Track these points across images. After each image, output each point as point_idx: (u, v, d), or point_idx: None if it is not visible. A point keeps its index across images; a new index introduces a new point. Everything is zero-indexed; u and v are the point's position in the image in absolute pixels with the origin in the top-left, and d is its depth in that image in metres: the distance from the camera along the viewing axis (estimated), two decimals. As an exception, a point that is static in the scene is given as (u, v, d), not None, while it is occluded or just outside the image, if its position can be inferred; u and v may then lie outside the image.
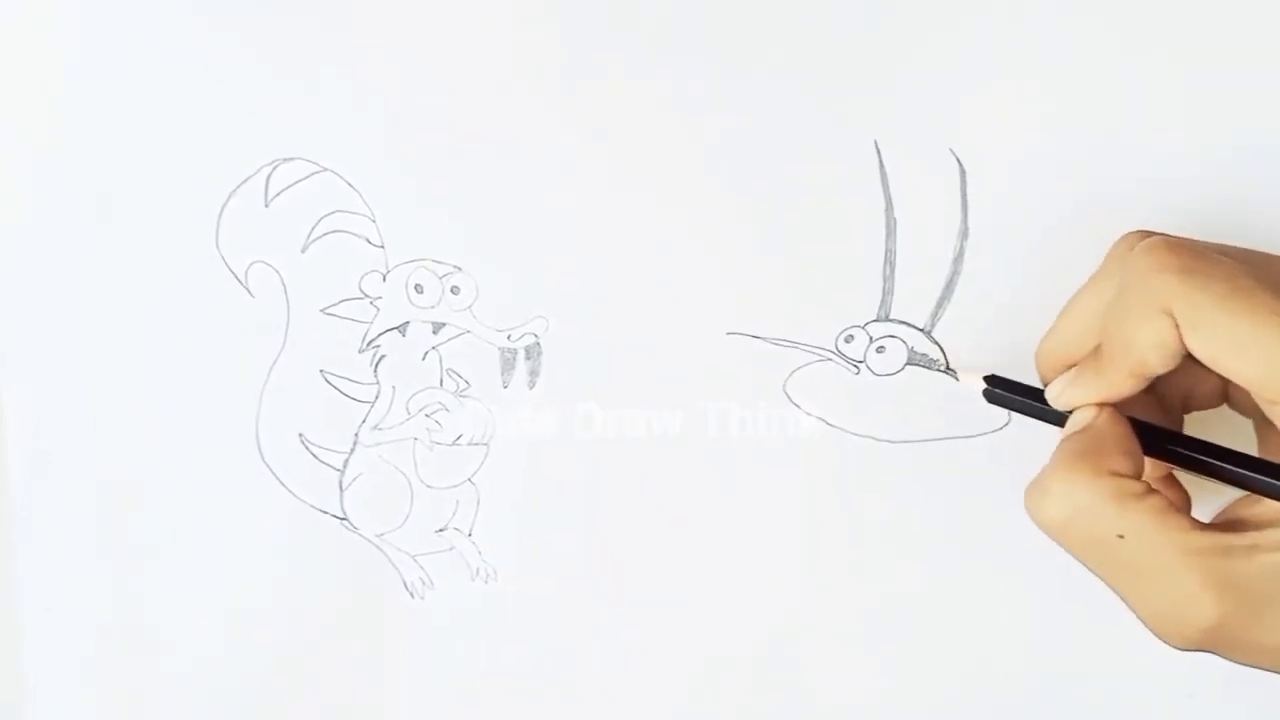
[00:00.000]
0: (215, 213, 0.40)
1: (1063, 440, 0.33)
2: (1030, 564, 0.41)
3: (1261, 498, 0.31)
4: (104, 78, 0.40)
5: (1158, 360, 0.30)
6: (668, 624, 0.42)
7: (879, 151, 0.39)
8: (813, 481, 0.41)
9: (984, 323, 0.40)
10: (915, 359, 0.40)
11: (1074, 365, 0.34)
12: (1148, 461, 0.32)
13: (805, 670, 0.42)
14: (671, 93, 0.39)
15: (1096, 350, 0.33)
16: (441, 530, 0.42)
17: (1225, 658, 0.30)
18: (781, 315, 0.40)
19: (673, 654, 0.42)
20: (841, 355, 0.40)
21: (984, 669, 0.42)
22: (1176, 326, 0.29)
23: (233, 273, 0.40)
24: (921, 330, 0.40)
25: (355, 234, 0.40)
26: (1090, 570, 0.31)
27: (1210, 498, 0.34)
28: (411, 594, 0.42)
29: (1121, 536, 0.30)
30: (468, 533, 0.42)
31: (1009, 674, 0.42)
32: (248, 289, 0.41)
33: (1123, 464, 0.31)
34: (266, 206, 0.40)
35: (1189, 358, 0.31)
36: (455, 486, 0.42)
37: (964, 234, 0.39)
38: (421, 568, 0.42)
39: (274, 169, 0.40)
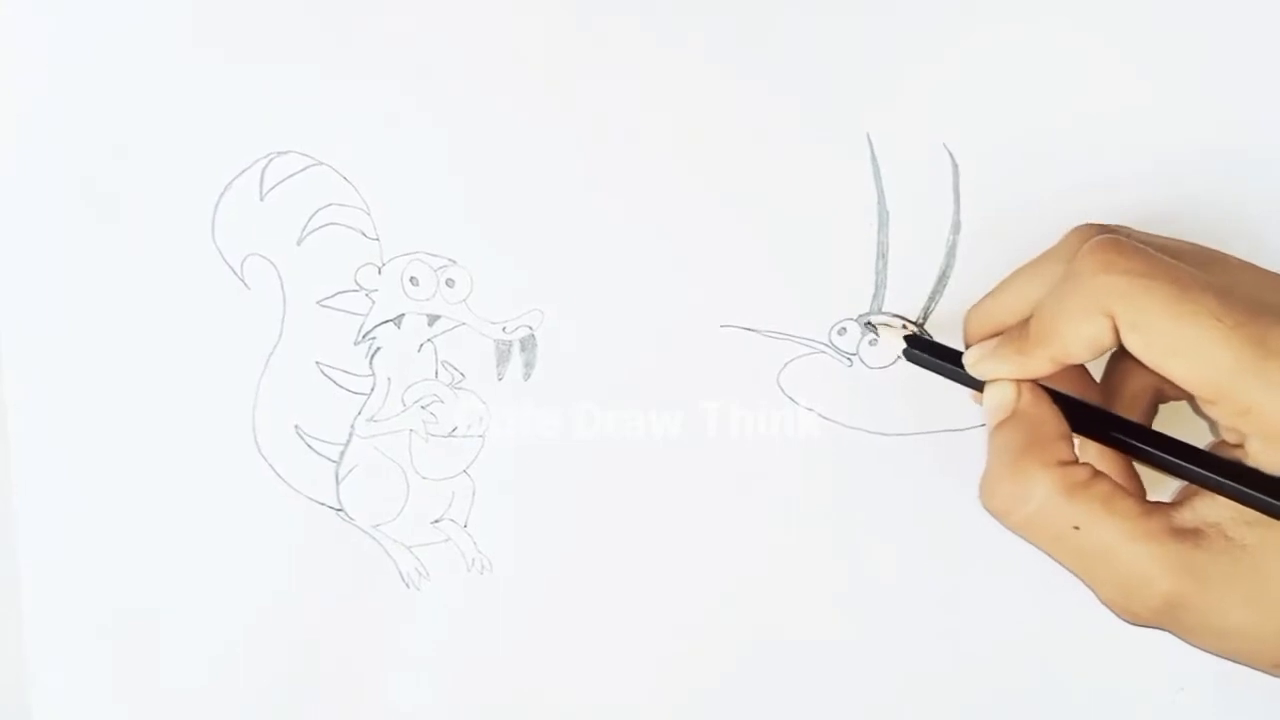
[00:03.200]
0: (211, 206, 0.40)
1: (995, 428, 0.33)
2: (1024, 556, 0.41)
3: None
4: (98, 72, 0.40)
5: (1083, 354, 0.31)
6: (662, 615, 0.42)
7: (871, 145, 0.39)
8: (806, 474, 0.41)
9: None
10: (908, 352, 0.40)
11: (998, 334, 0.34)
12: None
13: (798, 662, 0.43)
14: (665, 86, 0.39)
15: (1022, 325, 0.33)
16: (437, 521, 0.42)
17: (1182, 639, 0.31)
18: (775, 308, 0.40)
19: (667, 646, 0.43)
20: (834, 348, 0.40)
21: (977, 660, 0.42)
22: (1114, 327, 0.30)
23: (229, 265, 0.40)
24: (914, 323, 0.40)
25: (350, 227, 0.40)
26: (1050, 557, 0.32)
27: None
28: (407, 584, 0.42)
29: (1077, 528, 0.30)
30: (463, 524, 0.42)
31: (1004, 664, 0.42)
32: (244, 282, 0.41)
33: (1064, 451, 0.32)
34: (262, 200, 0.40)
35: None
36: (450, 478, 0.42)
37: (956, 227, 0.40)
38: (417, 559, 0.42)
39: (269, 162, 0.40)
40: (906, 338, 0.38)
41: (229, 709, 0.43)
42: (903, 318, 0.40)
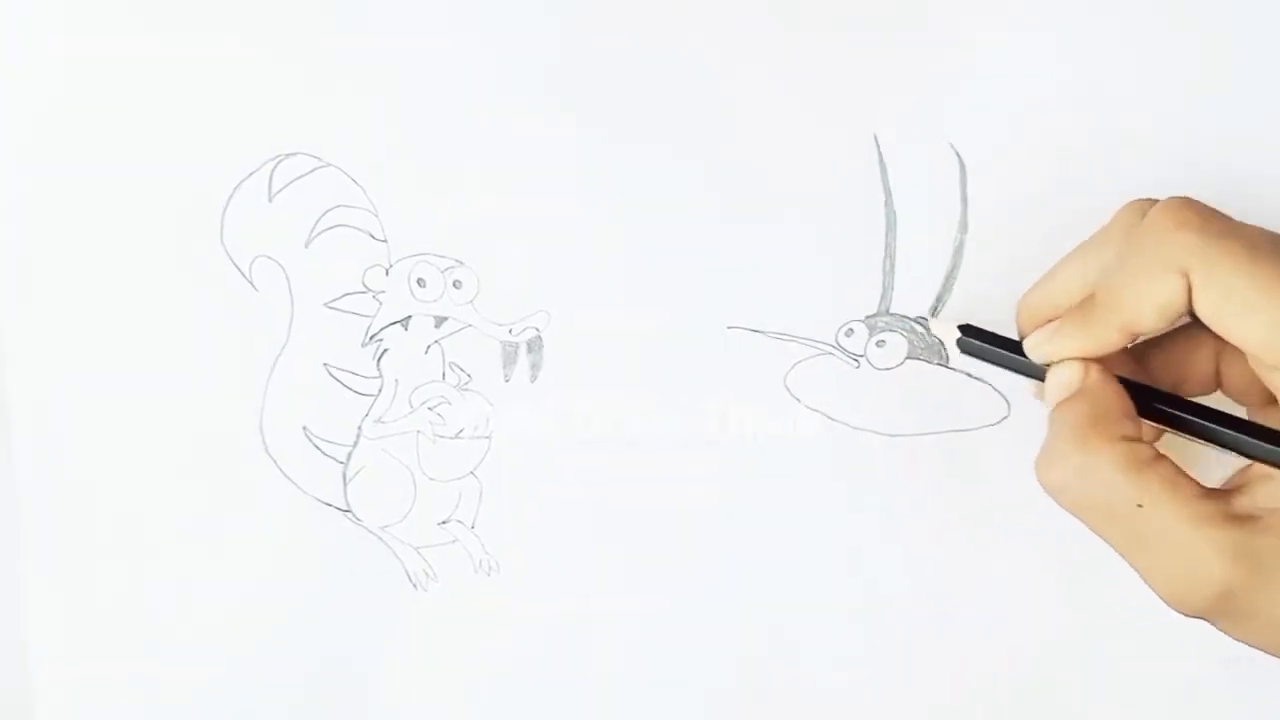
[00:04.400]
0: (219, 208, 0.40)
1: (1060, 404, 0.33)
2: (1032, 556, 0.41)
3: (1259, 464, 0.31)
4: (107, 72, 0.40)
5: (1154, 319, 0.30)
6: (669, 616, 0.42)
7: (878, 146, 0.39)
8: (814, 475, 0.41)
9: (984, 317, 0.39)
10: (915, 353, 0.40)
11: (1054, 320, 0.34)
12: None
13: (806, 665, 0.42)
14: (672, 87, 0.39)
15: (1082, 304, 0.33)
16: (444, 523, 0.42)
17: (1230, 632, 0.31)
18: (782, 309, 0.40)
19: (673, 646, 0.43)
20: (842, 349, 0.40)
21: (985, 661, 0.42)
22: (1187, 287, 0.29)
23: (237, 267, 0.41)
24: (921, 321, 0.40)
25: (358, 229, 0.40)
26: (1101, 537, 0.31)
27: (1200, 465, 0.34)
28: (415, 586, 0.42)
29: (1140, 506, 0.30)
30: (470, 525, 0.42)
31: (1010, 665, 0.42)
32: (252, 283, 0.41)
33: (1130, 427, 0.31)
34: (270, 201, 0.40)
35: (1183, 333, 0.31)
36: (458, 479, 0.42)
37: (964, 228, 0.39)
38: (425, 560, 0.42)
39: (277, 164, 0.40)
40: (960, 327, 0.37)
41: (235, 710, 0.43)
42: (910, 318, 0.40)
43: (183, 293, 0.41)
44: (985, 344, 0.36)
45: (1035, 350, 0.34)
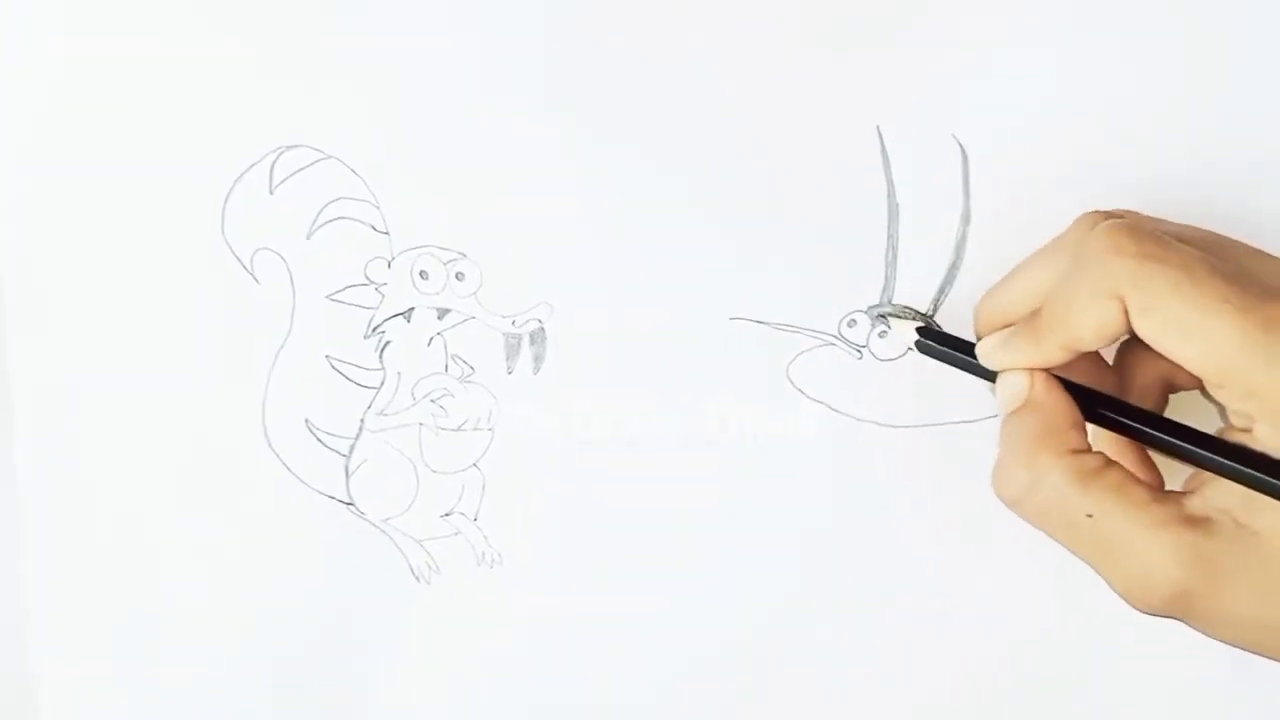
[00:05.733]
0: (220, 200, 0.40)
1: (1009, 416, 0.33)
2: (1035, 547, 0.41)
3: None
4: (107, 68, 0.39)
5: (1094, 340, 0.31)
6: (672, 609, 0.42)
7: (881, 137, 0.39)
8: (817, 466, 0.41)
9: None
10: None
11: (1009, 326, 0.34)
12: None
13: (808, 657, 0.42)
14: (674, 78, 0.39)
15: (1034, 315, 0.33)
16: (447, 515, 0.42)
17: (1198, 629, 0.31)
18: (784, 300, 0.40)
19: (676, 639, 0.43)
20: (844, 340, 0.40)
21: (987, 656, 0.42)
22: (1124, 311, 0.30)
23: (238, 260, 0.40)
24: (924, 315, 0.40)
25: (360, 221, 0.40)
26: (1060, 544, 0.32)
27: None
28: (417, 578, 0.42)
29: (1090, 516, 0.31)
30: (473, 517, 0.42)
31: (1012, 659, 0.42)
32: (253, 276, 0.41)
33: (1076, 439, 0.32)
34: (271, 194, 0.40)
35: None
36: (461, 471, 0.42)
37: (966, 218, 0.40)
38: (427, 552, 0.42)
39: (278, 156, 0.40)
40: (918, 329, 0.38)
41: (239, 702, 0.43)
42: (913, 309, 0.40)
43: (184, 286, 0.41)
44: (942, 346, 0.37)
45: (986, 358, 0.35)
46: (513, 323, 0.41)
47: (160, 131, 0.40)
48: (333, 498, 0.42)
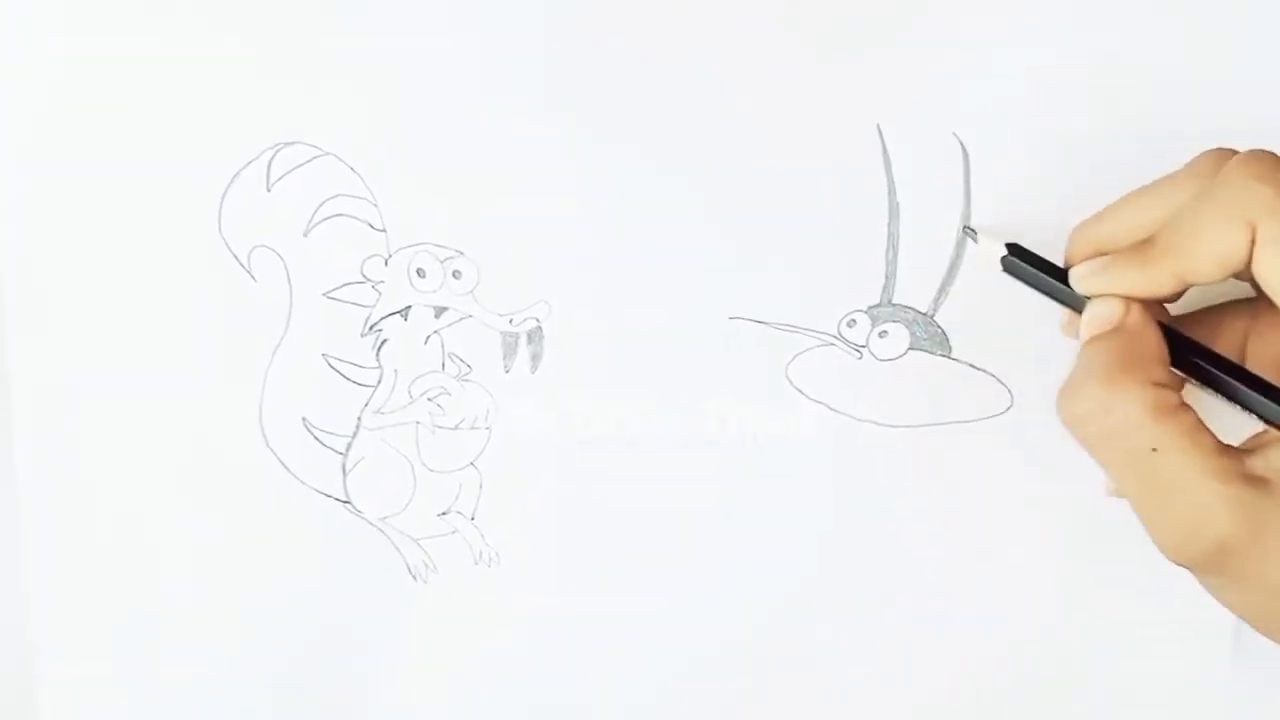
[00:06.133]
0: (217, 197, 0.40)
1: (1094, 339, 0.32)
2: (1036, 549, 0.41)
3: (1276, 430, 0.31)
4: (105, 63, 0.39)
5: (1211, 269, 0.30)
6: (670, 609, 0.42)
7: (881, 135, 0.39)
8: (817, 467, 0.41)
9: (986, 306, 0.39)
10: (918, 343, 0.40)
11: (1105, 255, 0.33)
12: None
13: (808, 657, 0.42)
14: (673, 78, 0.39)
15: (1139, 244, 0.32)
16: (444, 514, 0.42)
17: (1217, 593, 0.31)
18: (784, 300, 0.40)
19: (676, 639, 0.43)
20: (844, 340, 0.40)
21: (987, 656, 0.42)
22: (1251, 241, 0.29)
23: (235, 257, 0.40)
24: (924, 314, 0.40)
25: (357, 218, 0.40)
26: (1110, 475, 0.31)
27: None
28: (415, 577, 0.42)
29: (1155, 450, 0.30)
30: (470, 516, 0.42)
31: (1013, 658, 0.42)
32: (250, 273, 0.40)
33: (1161, 373, 0.31)
34: (268, 191, 0.40)
35: (1216, 311, 0.31)
36: (458, 470, 0.42)
37: (967, 217, 0.39)
38: (425, 551, 0.42)
39: (276, 153, 0.40)
40: (1008, 245, 0.36)
41: (238, 701, 0.43)
42: (913, 309, 0.40)
43: (181, 284, 0.40)
44: (1030, 266, 0.35)
45: (1082, 282, 0.33)
46: (510, 321, 0.41)
47: (156, 130, 0.40)
48: (330, 496, 0.42)
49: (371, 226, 0.40)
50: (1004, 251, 0.36)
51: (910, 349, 0.40)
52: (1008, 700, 0.42)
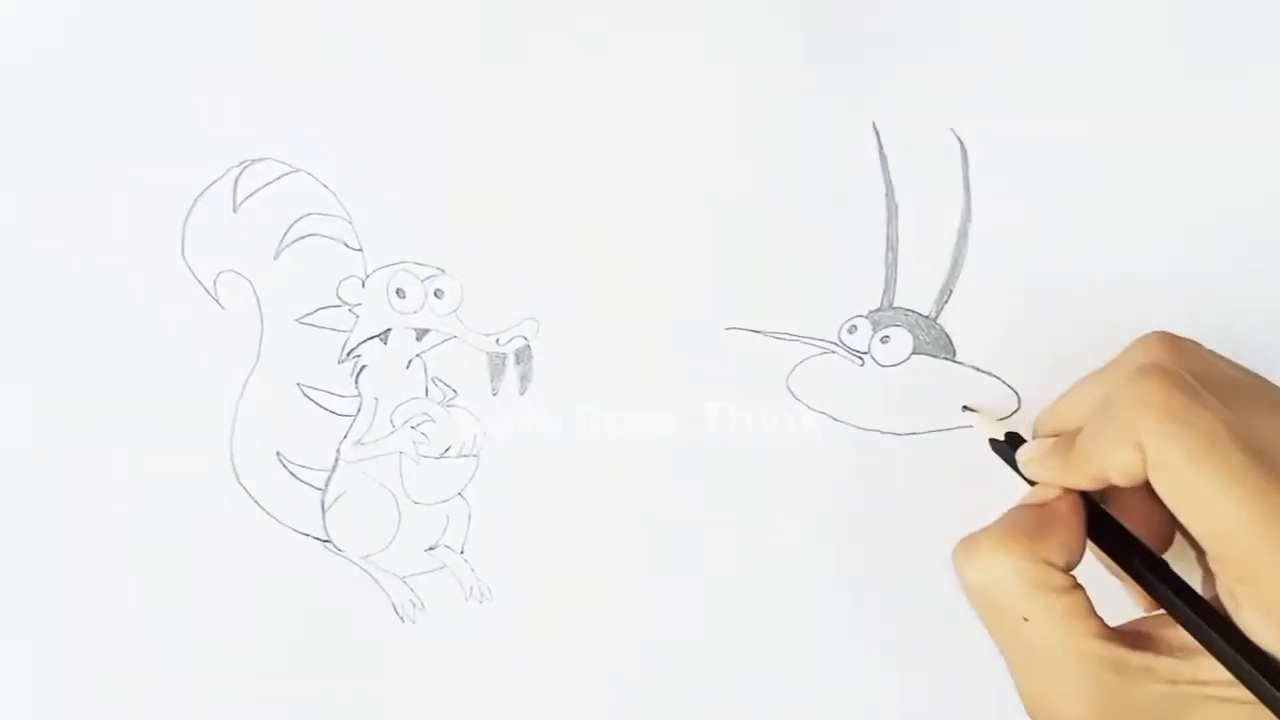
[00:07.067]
0: (180, 220, 0.39)
1: (1017, 506, 0.34)
2: None
3: (1177, 625, 0.31)
4: (61, 77, 0.39)
5: (1120, 479, 0.31)
6: (671, 645, 0.41)
7: (878, 134, 0.39)
8: (820, 479, 0.40)
9: (990, 307, 0.39)
10: (921, 347, 0.39)
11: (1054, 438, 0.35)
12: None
13: (813, 670, 0.41)
14: (665, 79, 0.39)
15: (1076, 433, 0.33)
16: (432, 549, 0.41)
17: None
18: (781, 308, 0.39)
19: (676, 677, 0.41)
20: (845, 347, 0.39)
21: (987, 661, 0.41)
22: (1144, 460, 0.30)
23: (200, 284, 0.39)
24: (927, 317, 0.39)
25: (331, 237, 0.39)
26: (988, 633, 0.33)
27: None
28: (401, 618, 0.41)
29: (1026, 620, 0.31)
30: (459, 550, 0.41)
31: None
32: (217, 300, 0.40)
33: (1055, 554, 0.32)
34: (235, 211, 0.39)
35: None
36: (445, 501, 0.40)
37: (967, 216, 0.39)
38: (411, 589, 0.41)
39: (242, 171, 0.39)
40: (1006, 434, 0.37)
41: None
42: (915, 312, 0.39)
43: (143, 313, 0.40)
44: (1007, 447, 0.37)
45: (1023, 466, 0.35)
46: (496, 341, 0.40)
47: (114, 146, 0.39)
48: (307, 535, 0.40)
49: (347, 245, 0.39)
50: (999, 436, 0.38)
51: (913, 353, 0.39)
52: (1007, 700, 0.42)
